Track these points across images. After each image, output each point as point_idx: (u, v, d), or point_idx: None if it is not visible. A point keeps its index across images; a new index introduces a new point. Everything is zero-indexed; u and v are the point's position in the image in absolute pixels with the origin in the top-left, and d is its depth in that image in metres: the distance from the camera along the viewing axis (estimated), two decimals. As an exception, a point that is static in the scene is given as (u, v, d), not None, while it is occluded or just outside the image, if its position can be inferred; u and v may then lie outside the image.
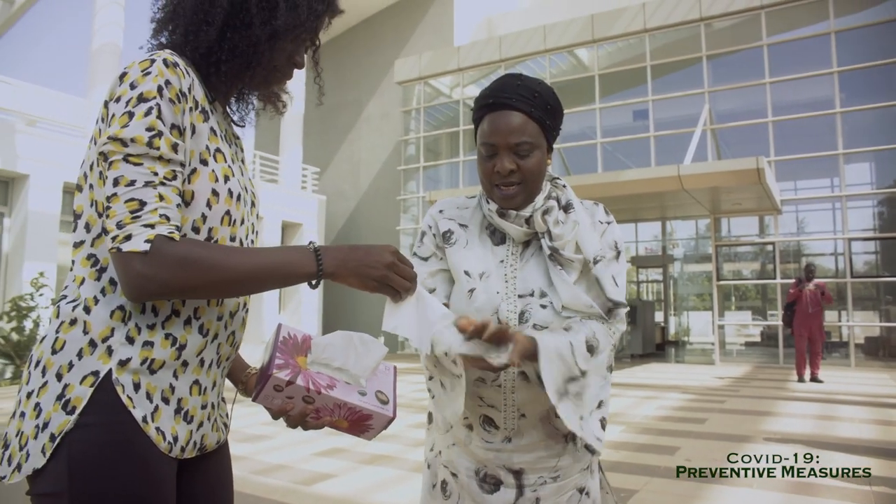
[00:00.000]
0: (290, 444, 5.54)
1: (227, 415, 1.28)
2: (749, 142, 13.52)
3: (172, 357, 1.07)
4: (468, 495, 1.40)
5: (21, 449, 1.00)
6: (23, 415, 1.02)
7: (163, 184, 1.00)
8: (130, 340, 1.03)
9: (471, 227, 1.44)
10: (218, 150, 1.13)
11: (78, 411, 0.99)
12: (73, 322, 1.04)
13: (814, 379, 9.81)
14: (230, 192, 1.13)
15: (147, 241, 0.97)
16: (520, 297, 1.35)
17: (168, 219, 1.00)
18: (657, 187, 10.86)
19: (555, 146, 1.43)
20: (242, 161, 1.28)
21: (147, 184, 0.99)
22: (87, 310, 1.04)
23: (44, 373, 1.02)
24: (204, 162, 1.09)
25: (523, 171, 1.34)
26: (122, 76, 1.04)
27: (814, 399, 8.16)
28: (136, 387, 1.02)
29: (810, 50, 13.09)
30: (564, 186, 1.46)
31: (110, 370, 1.01)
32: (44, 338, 1.06)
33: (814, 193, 14.31)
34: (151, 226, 0.98)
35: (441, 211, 1.48)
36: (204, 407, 1.14)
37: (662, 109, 14.05)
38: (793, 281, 10.42)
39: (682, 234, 16.71)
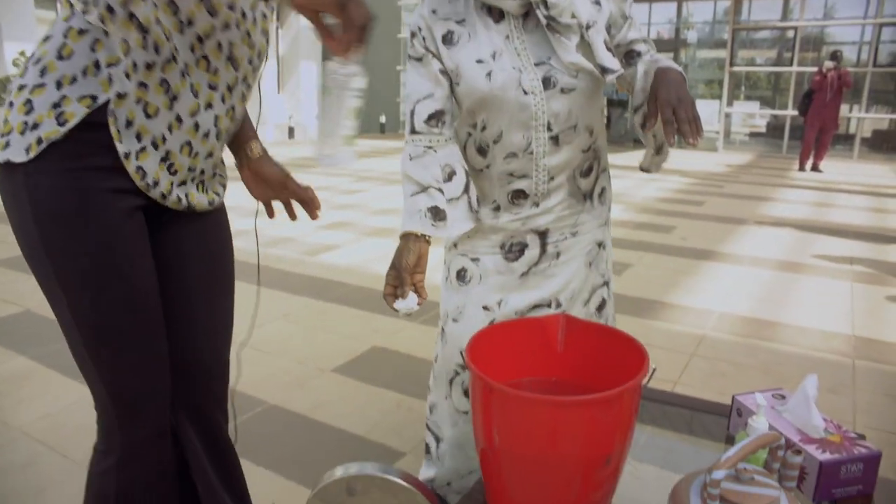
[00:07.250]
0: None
1: (222, 184, 1.28)
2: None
3: (165, 105, 1.02)
4: (492, 271, 1.45)
5: (1, 136, 1.00)
6: (11, 105, 0.99)
7: None
8: (128, 76, 0.98)
9: (468, 18, 1.35)
10: None
11: (69, 126, 0.96)
12: (83, 32, 0.97)
13: (815, 168, 9.87)
14: None
15: None
16: (536, 65, 1.31)
17: None
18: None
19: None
20: None
21: None
22: (101, 20, 0.95)
23: (42, 73, 0.97)
24: None
25: None
26: None
27: (812, 187, 8.26)
28: (129, 123, 0.99)
29: None
30: None
31: (108, 100, 0.97)
32: (49, 37, 0.99)
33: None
34: None
35: (434, 11, 1.36)
36: (192, 169, 1.12)
37: None
38: (815, 69, 10.07)
39: (698, 17, 15.78)
